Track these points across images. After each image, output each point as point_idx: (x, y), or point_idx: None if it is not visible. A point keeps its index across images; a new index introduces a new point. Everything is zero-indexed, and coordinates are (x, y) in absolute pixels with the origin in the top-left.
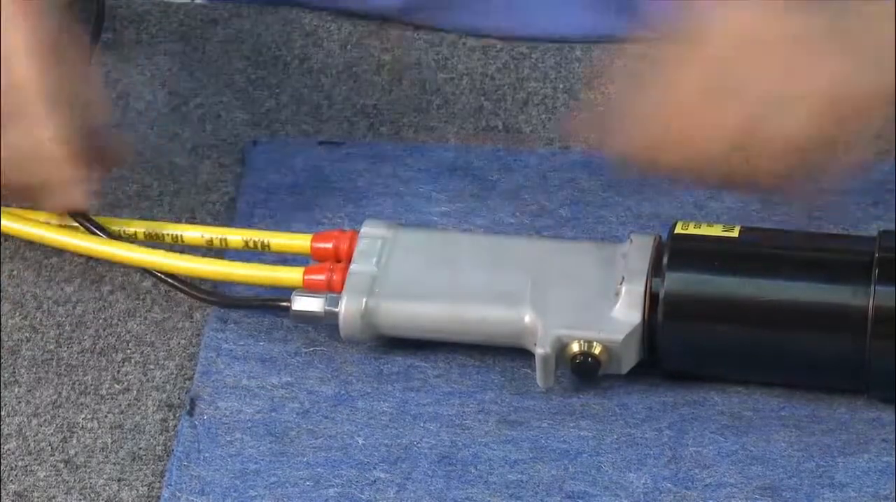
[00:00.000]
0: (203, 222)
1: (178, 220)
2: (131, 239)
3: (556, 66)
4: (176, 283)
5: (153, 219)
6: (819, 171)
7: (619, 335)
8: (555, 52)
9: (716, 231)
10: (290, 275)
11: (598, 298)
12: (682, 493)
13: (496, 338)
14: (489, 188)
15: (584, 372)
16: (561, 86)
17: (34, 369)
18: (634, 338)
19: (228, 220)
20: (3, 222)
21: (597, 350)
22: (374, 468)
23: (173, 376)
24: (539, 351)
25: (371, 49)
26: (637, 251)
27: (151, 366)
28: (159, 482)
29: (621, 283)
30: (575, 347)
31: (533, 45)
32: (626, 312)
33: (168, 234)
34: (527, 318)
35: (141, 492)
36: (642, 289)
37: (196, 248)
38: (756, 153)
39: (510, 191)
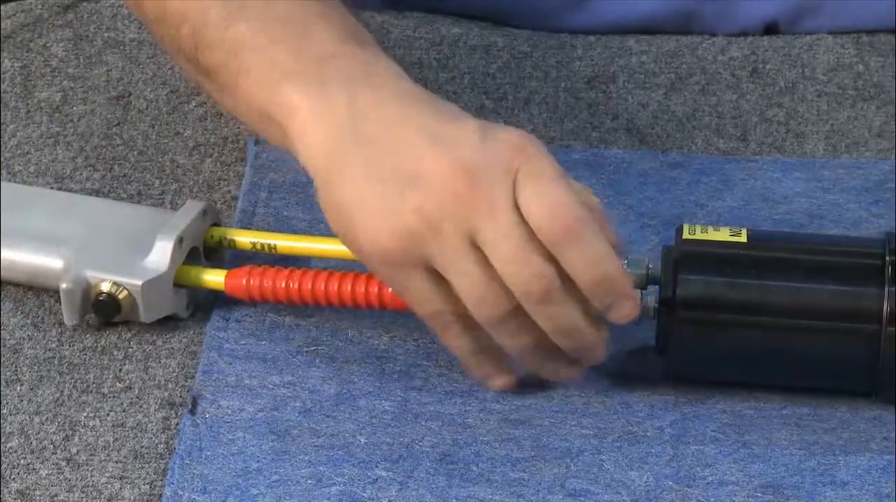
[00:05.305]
0: None
1: None
2: None
3: (557, 65)
4: None
5: None
6: None
7: (139, 280)
8: (555, 51)
9: (723, 236)
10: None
11: (135, 251)
12: (684, 491)
13: (38, 278)
14: None
15: (103, 311)
16: (562, 85)
17: (36, 367)
18: (159, 287)
19: (230, 219)
20: None
21: (121, 294)
22: (376, 466)
23: (175, 374)
24: (63, 286)
25: None
26: (180, 213)
27: (153, 365)
28: (161, 480)
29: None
30: (104, 287)
31: (534, 45)
32: (155, 262)
33: None
34: (62, 262)
35: (143, 490)
36: (172, 242)
37: None
38: None
39: None
